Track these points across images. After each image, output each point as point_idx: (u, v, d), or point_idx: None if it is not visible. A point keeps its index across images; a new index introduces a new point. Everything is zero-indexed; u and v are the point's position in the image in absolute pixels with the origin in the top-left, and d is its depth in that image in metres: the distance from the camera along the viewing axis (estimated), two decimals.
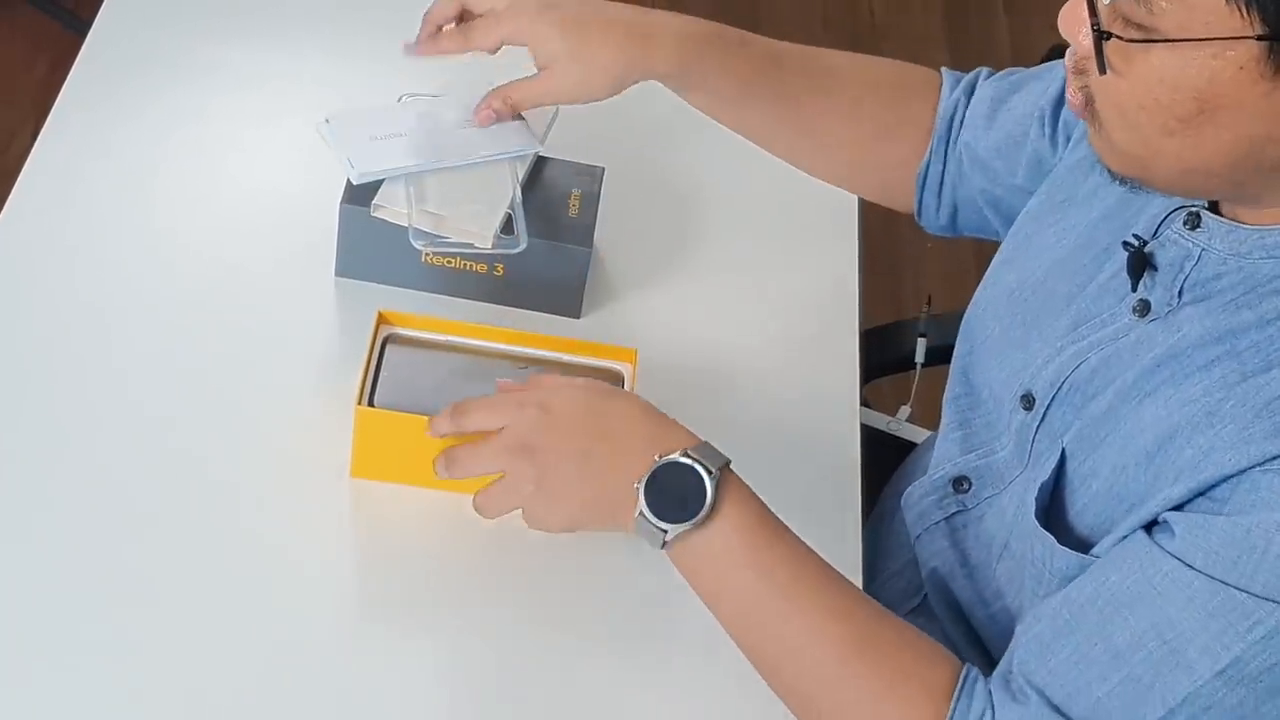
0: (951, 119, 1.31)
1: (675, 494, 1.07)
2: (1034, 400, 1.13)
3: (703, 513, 1.06)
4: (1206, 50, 0.89)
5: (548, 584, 1.20)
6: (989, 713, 1.02)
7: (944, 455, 1.24)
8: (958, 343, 1.26)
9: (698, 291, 1.42)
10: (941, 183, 1.32)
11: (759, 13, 3.09)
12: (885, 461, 1.45)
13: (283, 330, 1.33)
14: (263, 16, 1.59)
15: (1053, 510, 1.09)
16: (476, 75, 1.44)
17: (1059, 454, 1.08)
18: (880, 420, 1.55)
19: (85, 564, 1.15)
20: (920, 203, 1.34)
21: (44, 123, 1.45)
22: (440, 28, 1.28)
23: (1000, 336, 1.21)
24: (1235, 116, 0.91)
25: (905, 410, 1.56)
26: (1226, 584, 0.93)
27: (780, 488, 1.28)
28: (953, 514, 1.23)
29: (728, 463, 1.09)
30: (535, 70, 1.26)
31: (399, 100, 1.39)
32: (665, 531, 1.07)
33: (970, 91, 1.32)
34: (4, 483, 1.19)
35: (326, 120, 1.33)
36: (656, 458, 1.08)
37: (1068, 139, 1.22)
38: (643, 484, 1.07)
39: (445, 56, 1.29)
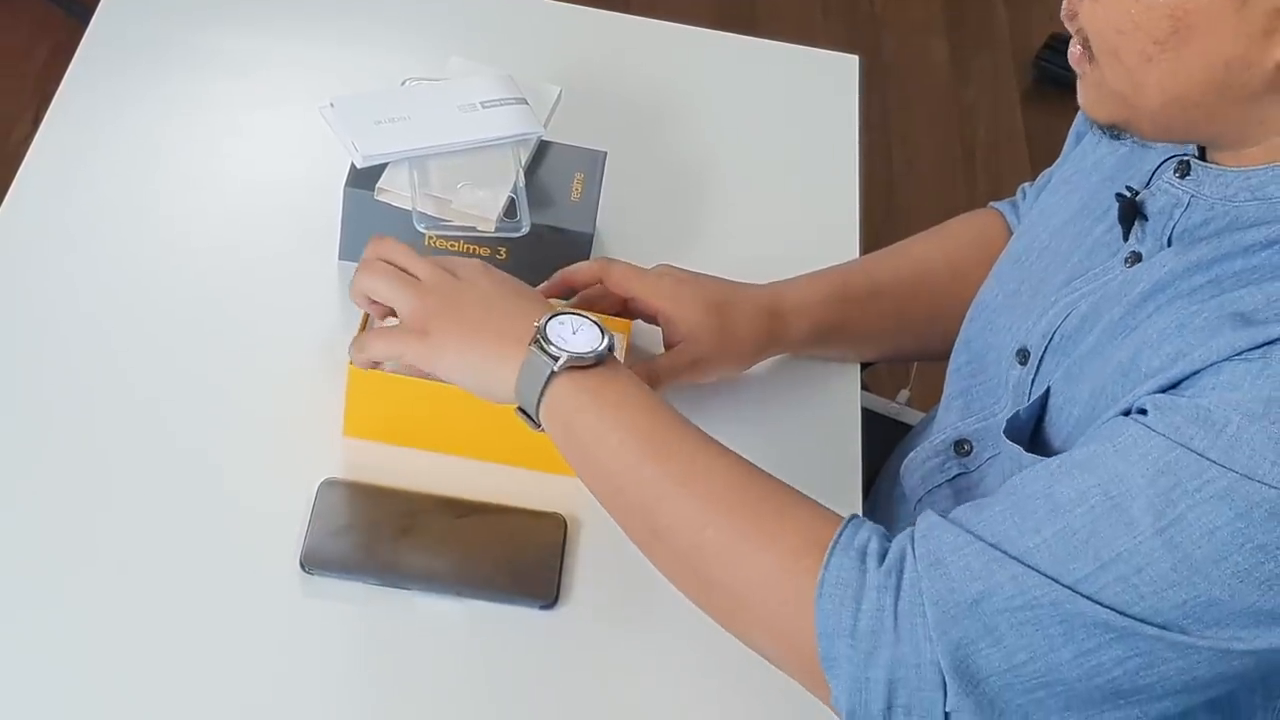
0: None
1: (572, 328, 1.08)
2: (1028, 354, 1.15)
3: (604, 342, 1.07)
4: None
5: None
6: (876, 539, 1.00)
7: (946, 421, 1.25)
8: (966, 317, 1.27)
9: None
10: None
11: (758, 1, 3.10)
12: (884, 445, 1.46)
13: (286, 314, 1.33)
14: (266, 2, 1.59)
15: (1037, 444, 1.09)
16: (479, 60, 1.45)
17: (1045, 390, 1.10)
18: (880, 404, 1.56)
19: (87, 549, 1.15)
20: None
21: (45, 109, 1.45)
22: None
23: (1002, 302, 1.23)
24: (1209, 36, 0.93)
25: (904, 394, 1.57)
26: (1186, 447, 0.92)
27: (781, 469, 1.29)
28: (955, 476, 1.24)
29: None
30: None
31: (402, 84, 1.40)
32: (557, 360, 1.06)
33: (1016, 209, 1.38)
34: (6, 470, 1.19)
35: (330, 104, 1.34)
36: (554, 309, 1.10)
37: None
38: (543, 324, 1.08)
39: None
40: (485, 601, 1.15)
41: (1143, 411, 0.97)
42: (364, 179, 1.31)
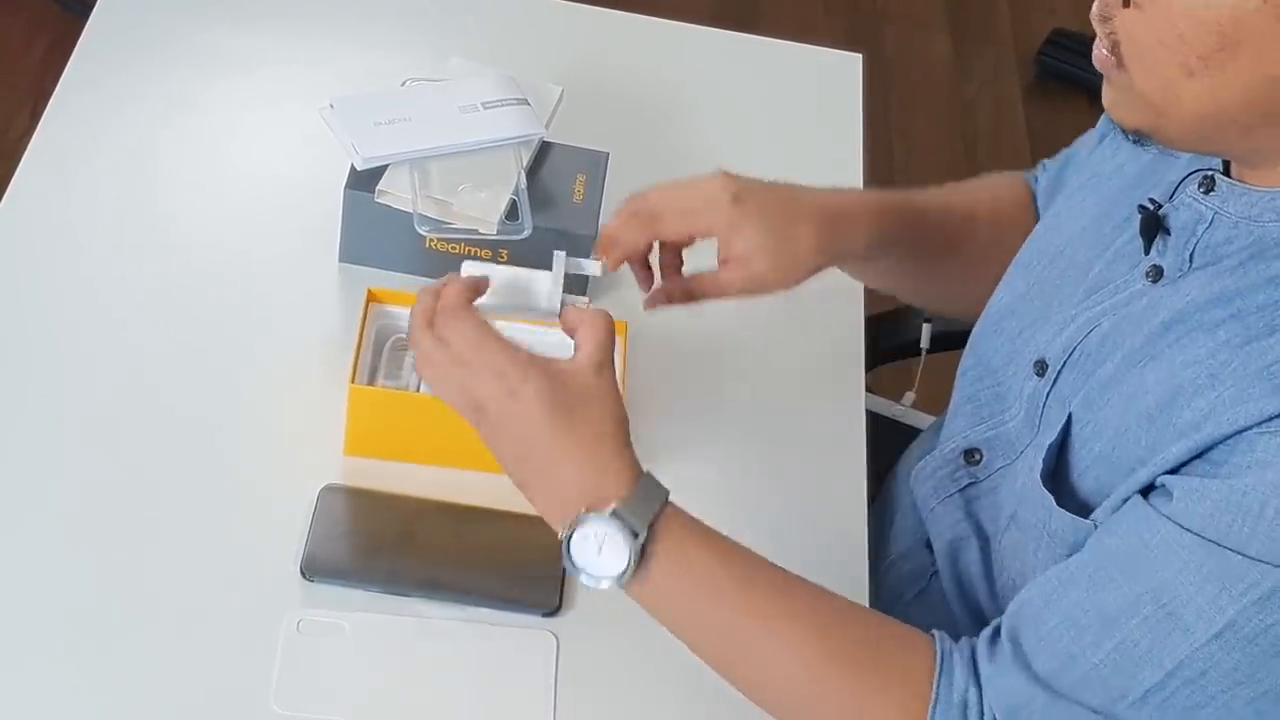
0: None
1: (598, 545, 1.01)
2: (1046, 366, 1.14)
3: (627, 570, 1.01)
4: None
5: None
6: (974, 689, 1.01)
7: (954, 429, 1.24)
8: (977, 321, 1.26)
9: None
10: None
11: None
12: (889, 447, 1.45)
13: (285, 315, 1.32)
14: (266, 0, 1.58)
15: (1058, 473, 1.09)
16: (480, 60, 1.44)
17: (1066, 416, 1.08)
18: (885, 406, 1.55)
19: (84, 554, 1.15)
20: None
21: (42, 105, 1.44)
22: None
23: (1011, 307, 1.21)
24: (1256, 54, 0.90)
25: (910, 396, 1.57)
26: (1222, 546, 0.92)
27: (786, 473, 1.29)
28: (966, 486, 1.23)
29: (662, 503, 1.03)
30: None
31: (403, 85, 1.39)
32: (596, 580, 1.02)
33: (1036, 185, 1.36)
34: (10, 467, 1.19)
35: (330, 105, 1.33)
36: (583, 510, 1.01)
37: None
38: (567, 535, 1.01)
39: None
40: (487, 609, 1.15)
41: (1167, 493, 0.96)
42: (364, 181, 1.30)
